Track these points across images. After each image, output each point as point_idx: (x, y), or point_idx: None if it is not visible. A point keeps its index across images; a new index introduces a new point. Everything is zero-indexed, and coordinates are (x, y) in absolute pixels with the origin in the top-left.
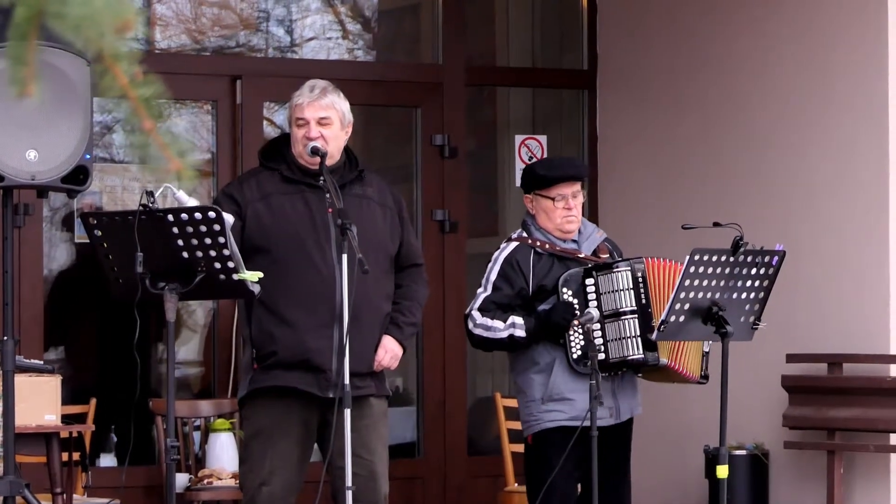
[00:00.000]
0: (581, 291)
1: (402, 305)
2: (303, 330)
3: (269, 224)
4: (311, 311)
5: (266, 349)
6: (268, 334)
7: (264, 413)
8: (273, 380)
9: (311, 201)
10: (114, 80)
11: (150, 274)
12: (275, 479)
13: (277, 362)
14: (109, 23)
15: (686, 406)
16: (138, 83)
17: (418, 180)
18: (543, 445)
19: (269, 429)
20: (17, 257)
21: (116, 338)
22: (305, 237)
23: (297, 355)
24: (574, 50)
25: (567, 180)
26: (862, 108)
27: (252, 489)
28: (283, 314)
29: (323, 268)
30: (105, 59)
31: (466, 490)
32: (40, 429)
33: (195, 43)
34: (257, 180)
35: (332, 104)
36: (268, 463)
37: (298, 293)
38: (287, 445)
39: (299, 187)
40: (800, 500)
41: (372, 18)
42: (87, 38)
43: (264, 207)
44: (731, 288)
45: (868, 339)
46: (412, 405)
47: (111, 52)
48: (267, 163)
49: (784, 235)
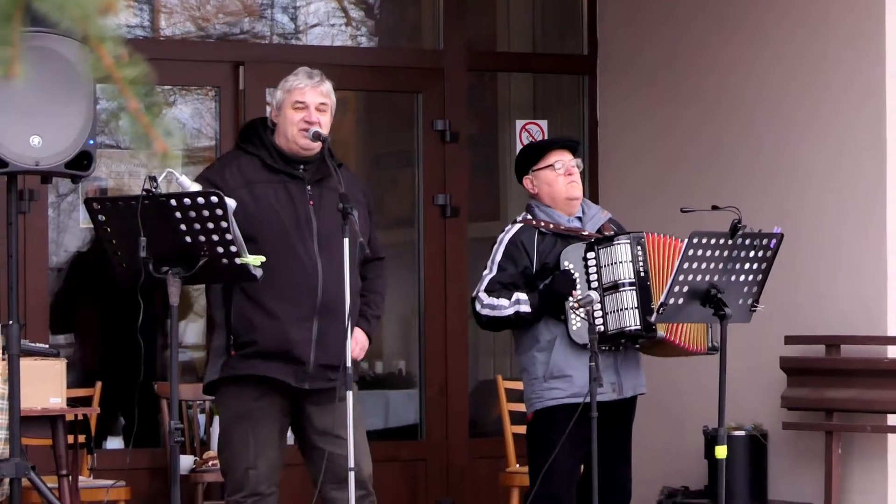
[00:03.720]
0: (582, 264)
1: (369, 298)
2: (285, 321)
3: (254, 213)
4: (293, 303)
5: (245, 337)
6: (248, 322)
7: (242, 398)
8: (251, 369)
9: (292, 192)
10: (99, 60)
11: (154, 258)
12: (260, 461)
13: (257, 352)
14: (93, 4)
15: (685, 387)
16: (124, 64)
17: (420, 165)
18: (544, 422)
19: (248, 412)
20: (23, 243)
21: (121, 322)
22: (289, 229)
23: (279, 346)
24: (574, 35)
25: (559, 146)
26: (859, 93)
27: (239, 473)
28: (266, 304)
29: (306, 260)
30: (91, 41)
31: (468, 471)
32: (46, 412)
33: (199, 30)
34: (238, 165)
35: (329, 92)
36: (251, 447)
37: (281, 284)
38: (268, 429)
39: (281, 177)
40: (798, 480)
41: (374, 5)
42: (71, 19)
43: (248, 196)
44: (729, 270)
45: (865, 320)
46: (414, 388)
47: (96, 34)
48: (246, 146)
49: (782, 219)
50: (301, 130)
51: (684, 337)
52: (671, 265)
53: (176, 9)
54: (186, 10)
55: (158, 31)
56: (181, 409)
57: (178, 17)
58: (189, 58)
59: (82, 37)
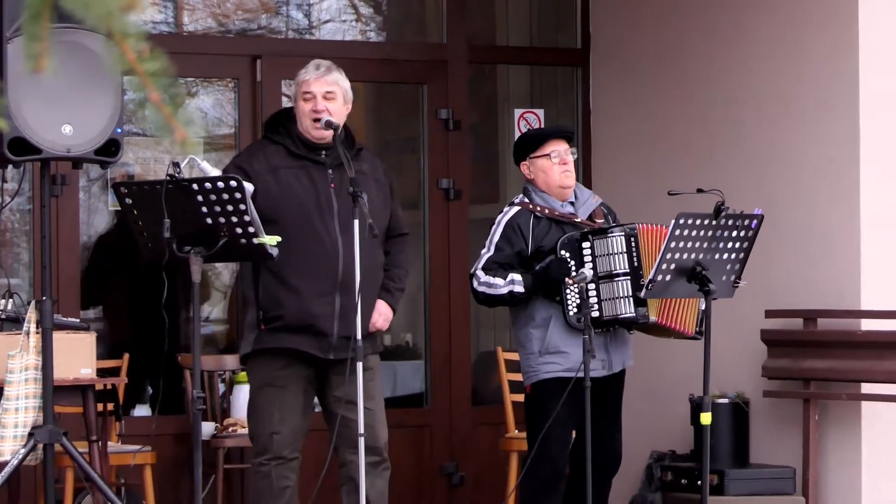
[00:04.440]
0: (577, 253)
1: (392, 272)
2: (308, 297)
3: (277, 197)
4: (315, 280)
5: (273, 312)
6: (274, 299)
7: (270, 367)
8: (279, 342)
9: (314, 176)
10: (123, 55)
11: (177, 238)
12: (284, 427)
13: (284, 326)
14: (116, 2)
15: (673, 359)
16: (145, 58)
17: (425, 151)
18: (541, 394)
19: (275, 382)
20: (56, 224)
21: (147, 297)
22: (311, 210)
23: (303, 320)
24: (568, 30)
25: (557, 135)
26: (833, 79)
27: (264, 437)
28: (290, 281)
29: (326, 239)
30: (114, 36)
31: (471, 437)
32: (77, 381)
33: (220, 26)
34: (265, 153)
35: (336, 81)
36: (276, 413)
37: (304, 262)
38: (293, 396)
39: (304, 162)
40: (778, 444)
41: (382, 2)
42: (95, 16)
43: (273, 181)
44: (713, 249)
45: (840, 295)
46: (420, 359)
47: (119, 30)
48: (272, 136)
49: (762, 200)
50: (313, 121)
51: (677, 320)
52: (661, 251)
53: (198, 6)
54: (207, 7)
55: (182, 27)
56: (203, 379)
57: (200, 14)
58: (210, 52)
59: (107, 33)
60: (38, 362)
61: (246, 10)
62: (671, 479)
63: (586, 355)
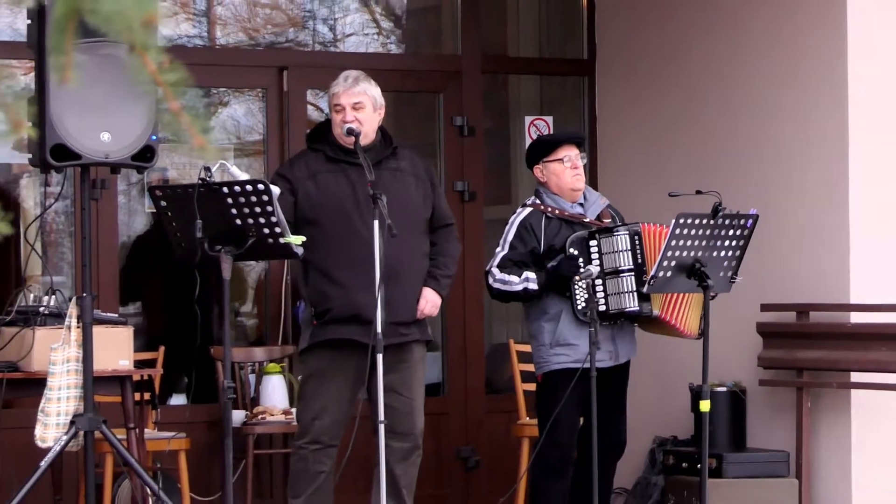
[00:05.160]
0: (585, 251)
1: (438, 261)
2: (352, 289)
3: (317, 199)
4: (357, 272)
5: (322, 306)
6: (322, 294)
7: (320, 359)
8: (330, 333)
9: (352, 177)
10: (144, 67)
11: (209, 238)
12: (325, 414)
13: (333, 318)
14: (136, 17)
15: (674, 350)
16: (165, 70)
17: (441, 156)
18: (551, 383)
19: (322, 372)
20: (96, 225)
21: (182, 293)
22: (349, 209)
23: (349, 311)
24: (575, 42)
25: (569, 141)
26: (824, 88)
27: (306, 422)
28: (334, 276)
29: (365, 234)
30: (136, 49)
31: (485, 424)
32: (115, 372)
33: (250, 39)
34: (305, 161)
35: (363, 91)
36: (320, 401)
37: (345, 257)
38: (338, 386)
39: (342, 165)
40: (773, 430)
41: (402, 16)
42: (117, 30)
43: (313, 185)
44: (711, 247)
45: (831, 290)
46: (438, 351)
47: (140, 42)
48: (312, 145)
49: (757, 201)
50: (342, 129)
51: (679, 319)
52: (662, 249)
53: (229, 21)
54: (238, 22)
55: (214, 41)
56: (234, 370)
57: (231, 28)
58: (240, 63)
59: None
60: (78, 355)
61: (275, 25)
62: (673, 462)
63: (592, 347)
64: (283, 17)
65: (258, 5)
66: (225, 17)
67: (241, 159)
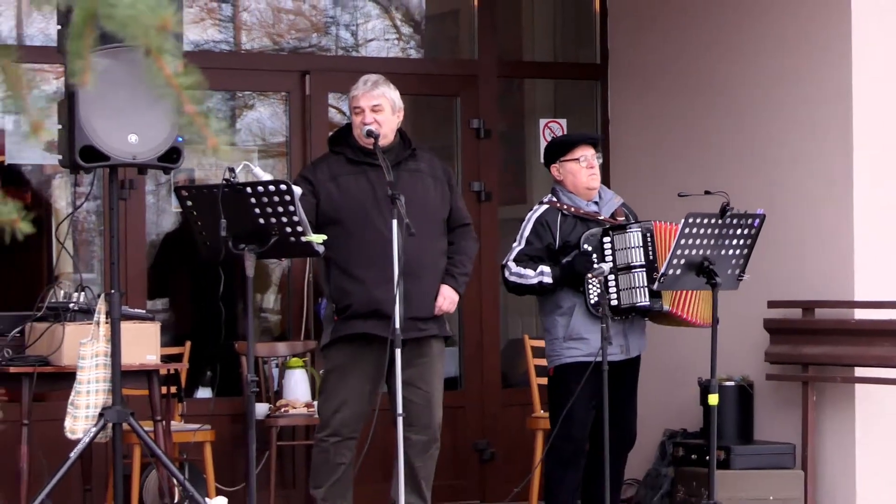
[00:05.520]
0: (599, 247)
1: (455, 259)
2: (371, 285)
3: (338, 200)
4: (377, 269)
5: (343, 303)
6: (343, 290)
7: (341, 354)
8: (351, 328)
9: (372, 178)
10: (159, 71)
11: (233, 237)
12: (345, 408)
13: (353, 313)
14: (150, 22)
15: (683, 345)
16: (180, 74)
17: (458, 158)
18: (563, 376)
19: (343, 367)
20: (124, 224)
21: (208, 290)
22: (369, 209)
23: (369, 306)
24: (588, 47)
25: (585, 141)
26: (830, 92)
27: (327, 415)
28: (354, 273)
29: (385, 232)
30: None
31: (500, 416)
32: (143, 367)
33: (274, 44)
34: (327, 164)
35: (382, 94)
36: (341, 395)
37: (366, 255)
38: (358, 381)
39: (362, 167)
40: (779, 423)
41: (421, 22)
42: (132, 35)
43: (334, 187)
44: (720, 245)
45: (836, 287)
46: (455, 346)
47: (156, 47)
48: (334, 148)
49: (764, 201)
50: (361, 131)
51: (690, 311)
52: (672, 247)
53: (254, 27)
54: (263, 28)
55: (240, 46)
56: (257, 365)
57: (256, 34)
58: (264, 68)
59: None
60: (107, 349)
61: (298, 31)
62: (682, 454)
63: (604, 342)
64: (306, 23)
65: (282, 11)
66: (250, 22)
67: (265, 160)
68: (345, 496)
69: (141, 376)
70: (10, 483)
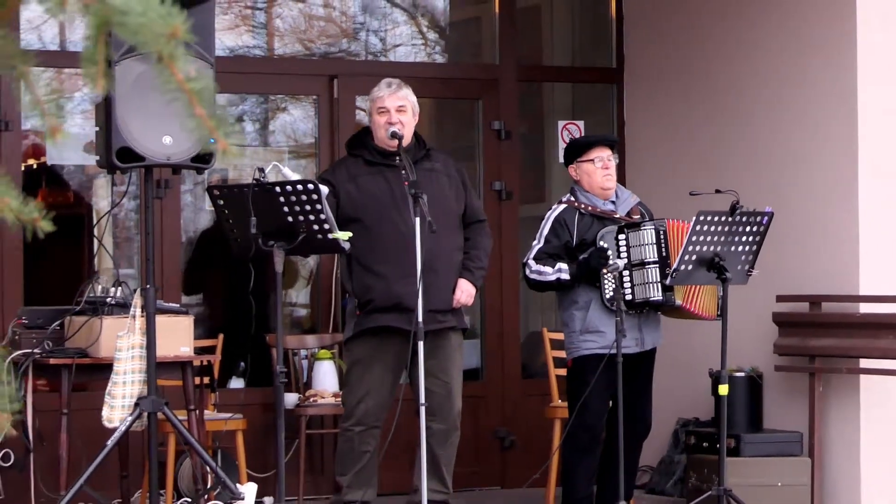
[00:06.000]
0: (614, 244)
1: (472, 254)
2: (392, 280)
3: (358, 200)
4: (397, 264)
5: (365, 297)
6: (365, 286)
7: (364, 347)
8: (373, 321)
9: (389, 178)
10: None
11: (262, 234)
12: (369, 399)
13: (375, 307)
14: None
15: (694, 337)
16: (191, 79)
17: (480, 158)
18: (581, 367)
19: (366, 359)
20: (160, 222)
21: (241, 285)
22: (388, 207)
23: (390, 300)
24: (605, 52)
25: (601, 143)
26: (836, 93)
27: (351, 405)
28: (375, 269)
29: (403, 229)
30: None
31: (520, 406)
32: (177, 358)
33: (305, 49)
34: (346, 166)
35: (405, 96)
36: (365, 385)
37: (385, 251)
38: (381, 372)
39: (380, 168)
40: (787, 412)
41: (445, 29)
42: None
43: (353, 187)
44: (730, 242)
45: (841, 282)
46: (477, 338)
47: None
48: (352, 151)
49: (772, 199)
50: (386, 132)
51: (698, 305)
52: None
53: (287, 32)
54: (294, 34)
55: (272, 51)
56: (287, 356)
57: (288, 39)
58: (294, 72)
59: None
60: (142, 342)
61: (328, 36)
62: (694, 442)
63: (618, 335)
64: (336, 29)
65: (313, 18)
66: (283, 28)
67: (297, 161)
68: (370, 482)
69: (175, 367)
70: (51, 469)
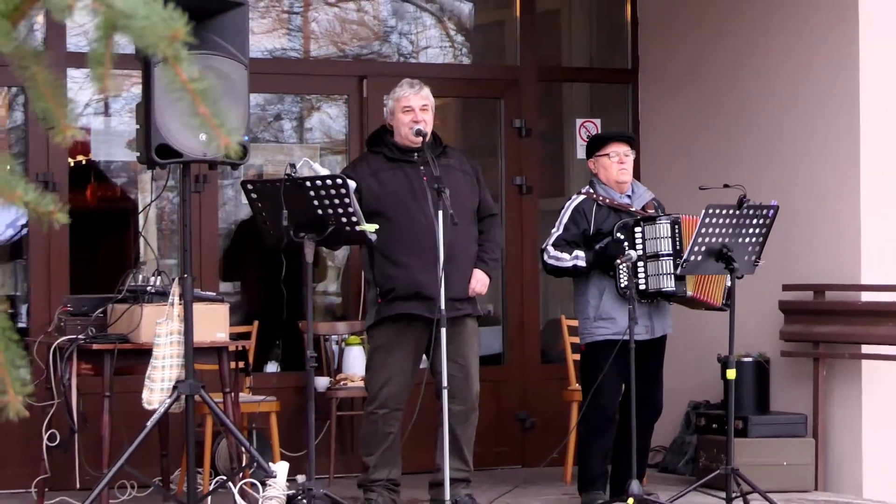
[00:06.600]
0: (630, 235)
1: (485, 246)
2: (413, 269)
3: (379, 194)
4: (417, 255)
5: (387, 286)
6: (386, 275)
7: (386, 333)
8: (395, 309)
9: (408, 173)
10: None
11: (293, 227)
12: (391, 382)
13: (397, 296)
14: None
15: (705, 324)
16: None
17: (502, 154)
18: (594, 352)
19: (388, 344)
20: (198, 214)
21: (275, 274)
22: (407, 200)
23: (411, 289)
24: (621, 54)
25: (617, 139)
26: (838, 91)
27: (374, 390)
28: (397, 259)
29: (423, 221)
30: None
31: (539, 389)
32: (213, 344)
33: (338, 51)
34: (366, 162)
35: (427, 95)
36: (387, 370)
37: (406, 242)
38: (402, 357)
39: (399, 164)
40: (793, 396)
41: (470, 31)
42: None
43: (375, 182)
44: (737, 234)
45: (844, 272)
46: (499, 325)
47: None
48: (372, 148)
49: (778, 193)
50: (411, 130)
51: (708, 294)
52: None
53: (322, 35)
54: (328, 36)
55: (308, 53)
56: (319, 342)
57: (323, 41)
58: (327, 73)
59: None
60: (180, 328)
61: (360, 39)
62: (704, 424)
63: (631, 322)
64: (367, 32)
65: (346, 21)
66: (316, 32)
67: (331, 157)
68: (395, 462)
69: (211, 352)
70: (94, 449)
